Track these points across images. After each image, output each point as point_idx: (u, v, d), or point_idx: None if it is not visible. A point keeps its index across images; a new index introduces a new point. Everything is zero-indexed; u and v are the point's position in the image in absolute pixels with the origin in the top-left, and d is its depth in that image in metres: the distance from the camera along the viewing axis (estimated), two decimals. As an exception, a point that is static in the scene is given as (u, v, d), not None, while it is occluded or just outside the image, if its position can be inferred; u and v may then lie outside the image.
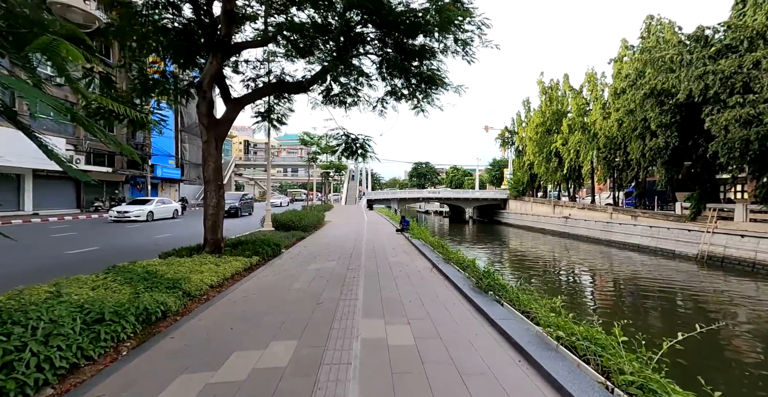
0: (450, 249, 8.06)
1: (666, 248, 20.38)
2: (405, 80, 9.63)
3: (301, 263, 7.59)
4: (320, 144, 22.67)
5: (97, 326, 3.03)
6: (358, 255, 8.65)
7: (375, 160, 11.01)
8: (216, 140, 8.52)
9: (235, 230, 14.75)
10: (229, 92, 9.49)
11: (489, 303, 4.19)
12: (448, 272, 6.07)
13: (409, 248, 10.04)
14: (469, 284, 5.25)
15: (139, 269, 5.59)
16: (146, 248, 10.27)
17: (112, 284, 4.56)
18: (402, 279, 5.94)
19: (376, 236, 13.15)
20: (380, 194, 50.91)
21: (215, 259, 6.97)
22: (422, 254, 8.62)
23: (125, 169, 26.28)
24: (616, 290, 13.15)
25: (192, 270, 5.82)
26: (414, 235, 11.57)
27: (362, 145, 10.69)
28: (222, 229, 8.43)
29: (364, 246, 10.26)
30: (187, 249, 8.04)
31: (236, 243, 9.08)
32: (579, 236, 29.01)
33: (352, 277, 6.15)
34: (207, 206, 8.27)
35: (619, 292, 12.84)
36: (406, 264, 7.38)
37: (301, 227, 13.83)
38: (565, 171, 31.38)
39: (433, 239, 9.89)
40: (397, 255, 8.67)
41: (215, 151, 8.51)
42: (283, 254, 8.89)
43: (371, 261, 7.81)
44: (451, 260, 7.01)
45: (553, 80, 34.14)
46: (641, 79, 18.64)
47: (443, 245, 8.49)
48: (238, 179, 63.86)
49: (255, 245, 8.47)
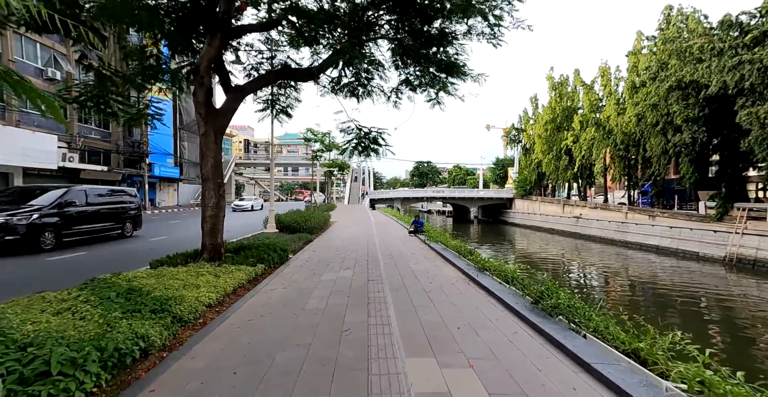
0: (481, 255, 7.10)
1: (689, 249, 19.40)
2: (422, 69, 8.66)
3: (312, 273, 6.63)
4: (324, 141, 21.68)
5: (38, 386, 2.07)
6: (375, 262, 7.69)
7: (389, 153, 10.04)
8: (215, 133, 7.56)
9: (235, 232, 13.79)
10: (230, 80, 8.53)
11: (567, 335, 3.22)
12: (489, 285, 5.11)
13: (428, 252, 9.07)
14: (522, 302, 4.28)
15: (123, 283, 4.64)
16: (138, 254, 9.32)
17: (82, 307, 3.60)
18: (437, 294, 4.97)
19: (388, 238, 12.19)
20: (383, 194, 49.97)
21: (214, 268, 6.01)
22: (447, 260, 7.65)
23: (122, 168, 25.32)
24: (652, 296, 12.18)
25: (186, 284, 4.87)
26: (432, 238, 10.60)
27: (375, 139, 9.75)
28: (222, 232, 7.48)
29: (379, 251, 9.30)
30: (183, 256, 7.09)
31: (238, 248, 8.13)
32: (591, 236, 28.04)
33: (377, 291, 5.19)
34: (205, 207, 7.32)
35: (654, 297, 11.88)
36: (434, 273, 6.42)
37: (307, 228, 12.87)
38: (576, 169, 30.40)
39: (456, 243, 8.93)
40: (418, 262, 7.71)
41: (214, 145, 7.55)
42: (291, 261, 7.93)
43: (392, 269, 6.85)
44: (487, 269, 6.05)
45: (563, 76, 33.14)
46: (664, 71, 17.64)
47: (471, 251, 7.51)
48: (238, 179, 62.91)
49: (259, 251, 7.52)
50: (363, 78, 9.39)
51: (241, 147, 79.60)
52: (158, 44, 8.05)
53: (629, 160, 24.13)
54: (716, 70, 13.93)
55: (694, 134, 15.88)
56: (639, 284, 14.03)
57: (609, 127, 24.26)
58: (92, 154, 23.15)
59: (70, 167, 20.11)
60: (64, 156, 19.76)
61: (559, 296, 3.88)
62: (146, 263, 6.83)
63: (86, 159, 22.32)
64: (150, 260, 6.61)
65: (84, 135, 22.14)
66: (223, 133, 7.96)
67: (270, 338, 3.47)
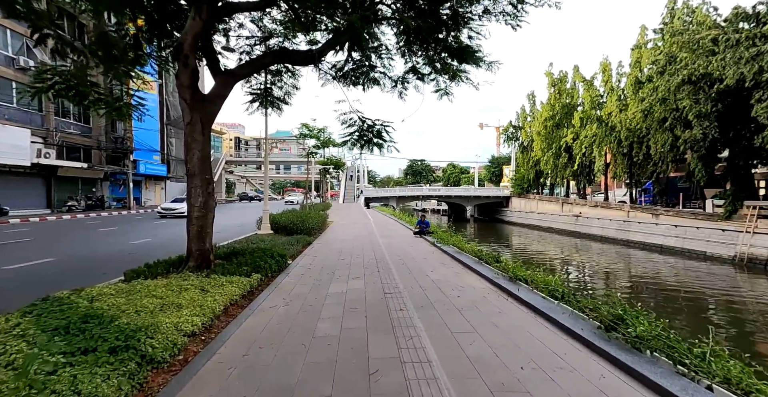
0: (508, 261, 6.25)
1: (695, 248, 18.96)
2: (431, 55, 7.75)
3: (317, 283, 5.70)
4: (320, 137, 20.66)
5: None
6: (387, 268, 6.79)
7: (391, 150, 9.12)
8: (203, 122, 6.58)
9: (225, 233, 12.76)
10: (219, 63, 7.55)
11: (684, 385, 2.37)
12: (533, 301, 4.25)
13: (442, 257, 8.21)
14: (585, 326, 3.43)
15: (83, 304, 3.66)
16: (114, 260, 8.25)
17: (14, 345, 2.63)
18: (472, 313, 4.11)
19: (393, 240, 11.30)
20: (378, 192, 49.07)
21: (201, 280, 5.05)
22: (467, 267, 6.80)
23: (104, 165, 23.88)
24: (669, 299, 11.53)
25: (165, 304, 3.91)
26: (442, 240, 9.75)
27: (379, 132, 8.86)
28: (211, 236, 6.52)
29: (387, 254, 8.41)
30: (164, 264, 6.10)
31: (230, 253, 7.17)
32: (592, 235, 27.59)
33: (398, 308, 4.30)
34: (191, 207, 6.34)
35: (669, 300, 11.23)
36: (458, 284, 5.55)
37: (305, 229, 11.91)
38: (575, 167, 29.91)
39: (473, 246, 8.09)
40: (435, 268, 6.84)
41: (201, 137, 6.57)
42: (291, 268, 6.99)
43: (408, 279, 5.97)
44: (521, 278, 5.20)
45: (563, 72, 32.60)
46: (673, 65, 17.08)
47: (496, 257, 6.65)
48: (228, 177, 61.31)
49: (254, 257, 6.56)
50: (368, 65, 8.47)
51: (232, 145, 77.81)
52: (136, 21, 7.00)
53: (632, 157, 23.64)
54: (731, 63, 13.37)
55: (705, 130, 15.35)
56: (650, 284, 13.41)
57: (612, 123, 23.73)
58: (71, 150, 21.71)
59: (46, 164, 18.72)
60: (39, 152, 18.35)
61: (640, 321, 3.04)
62: (122, 271, 5.83)
63: (64, 155, 20.88)
64: (125, 270, 5.59)
65: (62, 129, 20.69)
66: (211, 123, 6.97)
67: (274, 386, 2.55)
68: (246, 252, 7.13)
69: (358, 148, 9.12)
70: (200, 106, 6.53)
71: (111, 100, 7.32)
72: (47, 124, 19.53)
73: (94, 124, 23.16)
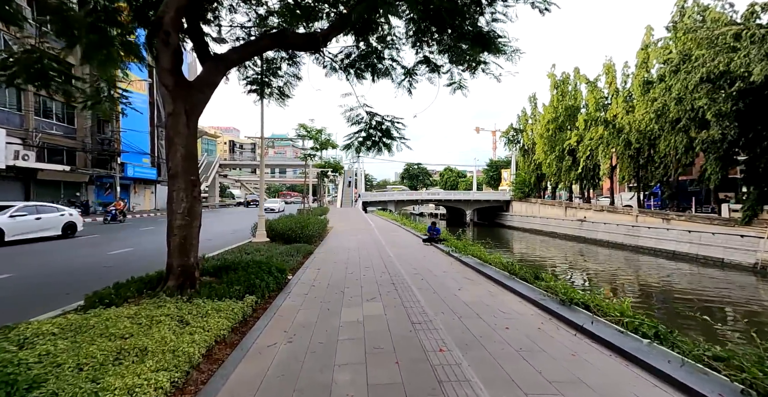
0: (550, 277, 5.25)
1: (711, 255, 18.17)
2: (450, 41, 6.80)
3: (325, 307, 4.66)
4: (319, 138, 19.65)
5: None
6: (404, 285, 5.76)
7: (405, 147, 8.12)
8: (188, 113, 5.54)
9: (217, 241, 11.66)
10: (208, 46, 6.54)
11: None
12: (617, 341, 3.24)
13: (463, 270, 7.20)
14: (715, 389, 2.44)
15: (4, 355, 2.59)
16: (85, 275, 7.12)
17: None
18: (540, 359, 3.09)
19: (402, 249, 10.27)
20: (376, 196, 48.10)
21: (181, 306, 3.99)
22: (499, 284, 5.80)
23: (89, 168, 22.57)
24: (705, 311, 10.61)
25: (125, 348, 2.84)
26: (459, 249, 8.75)
27: (387, 130, 7.90)
28: (197, 249, 5.46)
29: (400, 267, 7.38)
30: (138, 283, 5.03)
31: (220, 268, 6.10)
32: (598, 240, 26.79)
33: (437, 349, 3.27)
34: (172, 214, 5.28)
35: (696, 308, 10.31)
36: (498, 308, 4.54)
37: (304, 237, 10.83)
38: (580, 170, 29.21)
39: (498, 258, 7.09)
40: (461, 286, 5.82)
41: (186, 130, 5.52)
42: (292, 285, 5.93)
43: (435, 300, 4.95)
44: (578, 302, 4.20)
45: (565, 73, 32.07)
46: (688, 63, 16.41)
47: (535, 272, 5.65)
48: (222, 181, 59.92)
49: (248, 273, 5.49)
50: (377, 52, 7.51)
51: (226, 148, 76.55)
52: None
53: (639, 160, 22.94)
54: (757, 59, 12.67)
55: (723, 130, 14.63)
56: (680, 294, 12.51)
57: (619, 125, 23.05)
58: (53, 153, 20.42)
59: (24, 167, 17.43)
60: (17, 154, 17.08)
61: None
62: (90, 288, 4.76)
63: (45, 158, 19.59)
64: (87, 293, 4.50)
65: (43, 130, 19.42)
66: (198, 115, 5.93)
67: None
68: (239, 266, 6.06)
69: (365, 150, 8.11)
70: (185, 94, 5.50)
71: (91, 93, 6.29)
72: (26, 125, 18.28)
73: (78, 124, 21.92)
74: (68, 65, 6.90)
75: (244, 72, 8.22)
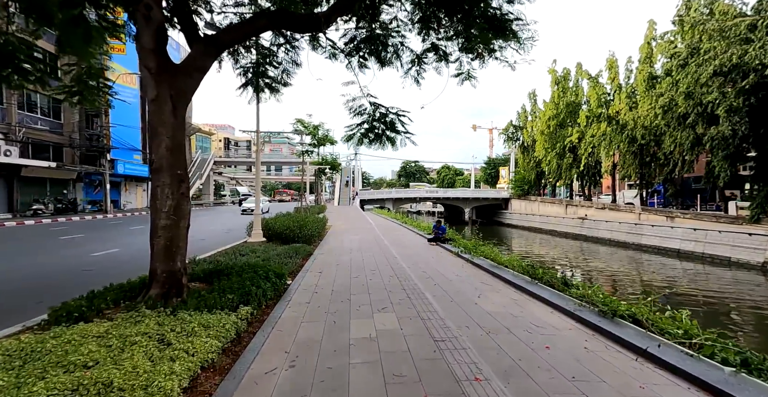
0: (581, 284, 4.71)
1: (718, 254, 17.82)
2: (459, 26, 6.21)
3: (331, 319, 4.07)
4: (316, 134, 18.98)
5: None
6: (417, 292, 5.20)
7: (410, 142, 7.53)
8: (174, 100, 4.93)
9: (211, 241, 11.03)
10: (197, 27, 5.89)
11: None
12: (694, 371, 2.69)
13: (477, 273, 6.65)
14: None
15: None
16: (64, 278, 6.47)
17: None
18: (605, 394, 2.53)
19: (407, 249, 9.70)
20: (374, 194, 47.48)
21: (163, 321, 3.40)
22: (521, 289, 5.25)
23: (77, 165, 21.70)
24: (717, 311, 10.18)
25: (83, 382, 2.24)
26: (469, 250, 8.20)
27: (392, 123, 7.32)
28: (185, 252, 4.86)
29: (408, 269, 6.81)
30: (117, 291, 4.44)
31: (211, 272, 5.49)
32: (599, 238, 26.45)
33: (470, 376, 2.70)
34: (156, 212, 4.68)
35: (716, 311, 9.88)
36: (529, 321, 3.99)
37: (303, 237, 10.22)
38: (582, 167, 28.81)
39: (516, 260, 6.54)
40: (480, 291, 5.26)
41: (172, 119, 4.92)
42: (291, 292, 5.33)
43: (455, 311, 4.38)
44: (623, 314, 3.65)
45: (566, 69, 31.59)
46: (696, 57, 15.95)
47: (563, 278, 5.10)
48: (217, 179, 58.94)
49: (243, 278, 4.89)
50: (382, 36, 6.90)
51: (221, 146, 75.42)
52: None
53: (644, 157, 22.55)
54: (773, 51, 12.22)
55: (734, 126, 14.21)
56: (691, 294, 12.08)
57: (623, 121, 22.62)
58: (39, 149, 19.54)
59: (7, 163, 16.59)
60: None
61: None
62: (66, 295, 4.16)
63: (30, 153, 18.72)
64: (54, 306, 3.87)
65: (27, 124, 18.54)
66: (186, 102, 5.29)
67: None
68: (233, 270, 5.46)
69: (367, 144, 7.53)
70: (170, 78, 4.87)
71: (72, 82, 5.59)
72: (9, 119, 17.40)
73: (65, 119, 21.03)
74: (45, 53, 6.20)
75: (238, 59, 7.54)
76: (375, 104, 7.36)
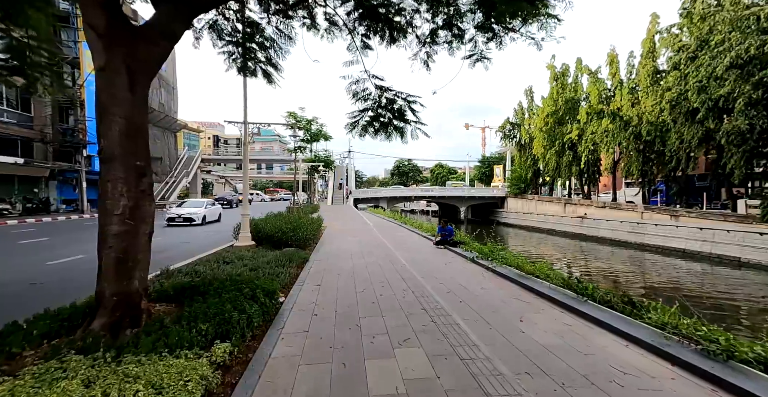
0: (667, 308, 3.73)
1: (726, 254, 17.28)
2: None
3: (339, 363, 3.00)
4: (310, 129, 17.83)
5: None
6: (443, 315, 4.18)
7: (422, 134, 6.52)
8: (131, 71, 3.79)
9: (194, 244, 9.86)
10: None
11: None
12: None
13: (504, 284, 5.67)
14: None
15: None
16: (3, 295, 5.27)
17: None
18: None
19: (413, 254, 8.68)
20: (369, 193, 46.43)
21: (94, 377, 2.29)
22: (572, 310, 4.28)
23: (49, 161, 20.09)
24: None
25: None
26: (487, 255, 7.22)
27: (400, 110, 6.32)
28: (146, 267, 3.77)
29: (423, 282, 5.79)
30: (53, 320, 3.35)
31: (183, 289, 4.40)
32: (600, 237, 25.89)
33: None
34: (106, 215, 3.57)
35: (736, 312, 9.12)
36: (609, 363, 3.01)
37: (297, 240, 9.12)
38: (582, 165, 28.21)
39: (551, 270, 5.58)
40: (521, 313, 4.27)
41: (128, 95, 3.80)
42: (285, 316, 4.24)
43: (501, 345, 3.37)
44: (740, 357, 2.68)
45: (565, 65, 30.96)
46: (706, 49, 15.28)
47: (637, 301, 4.08)
48: (206, 177, 57.07)
49: (222, 300, 3.80)
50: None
51: (210, 144, 73.31)
52: None
53: (648, 154, 21.95)
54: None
55: (751, 120, 13.56)
56: (710, 297, 11.34)
57: (627, 117, 21.98)
58: (6, 143, 17.91)
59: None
60: (-43, 143, 14.65)
61: None
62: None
63: (-6, 148, 17.14)
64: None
65: (-9, 117, 16.95)
66: (150, 76, 4.17)
67: None
68: (211, 286, 4.36)
69: (371, 134, 6.50)
70: (127, 43, 3.75)
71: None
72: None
73: (36, 112, 19.41)
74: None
75: (221, 35, 6.35)
76: (381, 88, 6.32)
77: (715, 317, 8.60)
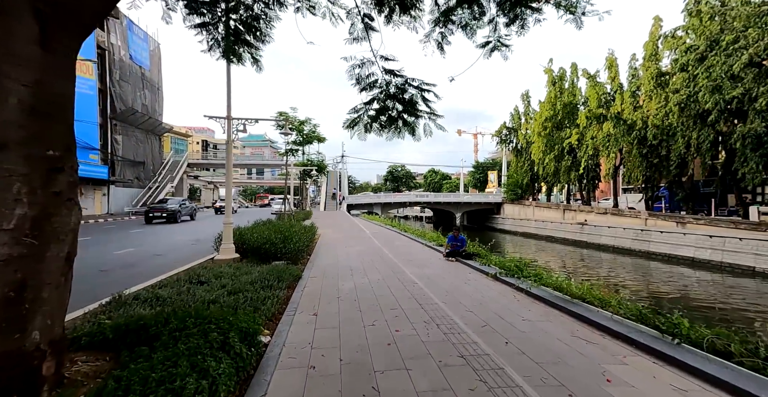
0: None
1: (739, 263, 16.55)
2: None
3: None
4: (302, 130, 16.66)
5: None
6: (491, 368, 3.01)
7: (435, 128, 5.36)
8: (41, 16, 2.49)
9: (169, 257, 8.52)
10: None
11: None
12: None
13: (548, 311, 4.54)
14: None
15: None
16: None
17: None
18: None
19: (424, 269, 7.49)
20: (363, 199, 45.27)
21: None
22: (673, 362, 3.16)
23: (16, 164, 18.42)
24: None
25: None
26: (514, 272, 6.10)
27: (412, 101, 5.19)
28: (62, 309, 2.46)
29: (448, 311, 4.62)
30: None
31: (127, 330, 3.12)
32: (602, 245, 25.13)
33: None
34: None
35: None
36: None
37: (287, 253, 7.86)
38: (581, 170, 27.57)
39: (594, 289, 4.48)
40: (597, 362, 3.13)
41: (37, 50, 2.45)
42: (268, 371, 2.98)
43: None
44: None
45: (563, 69, 30.57)
46: (717, 49, 14.70)
47: (740, 334, 3.04)
48: (193, 182, 55.11)
49: (178, 353, 2.54)
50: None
51: (199, 149, 71.30)
52: None
53: (653, 159, 21.34)
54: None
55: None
56: (737, 309, 10.39)
57: (631, 121, 21.39)
58: (-35, 144, 16.24)
59: None
60: None
61: None
62: None
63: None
64: None
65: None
66: (79, 32, 2.89)
67: None
68: (167, 326, 3.12)
69: (377, 130, 5.33)
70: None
71: None
72: None
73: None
74: None
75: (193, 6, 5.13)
76: (391, 71, 5.18)
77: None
